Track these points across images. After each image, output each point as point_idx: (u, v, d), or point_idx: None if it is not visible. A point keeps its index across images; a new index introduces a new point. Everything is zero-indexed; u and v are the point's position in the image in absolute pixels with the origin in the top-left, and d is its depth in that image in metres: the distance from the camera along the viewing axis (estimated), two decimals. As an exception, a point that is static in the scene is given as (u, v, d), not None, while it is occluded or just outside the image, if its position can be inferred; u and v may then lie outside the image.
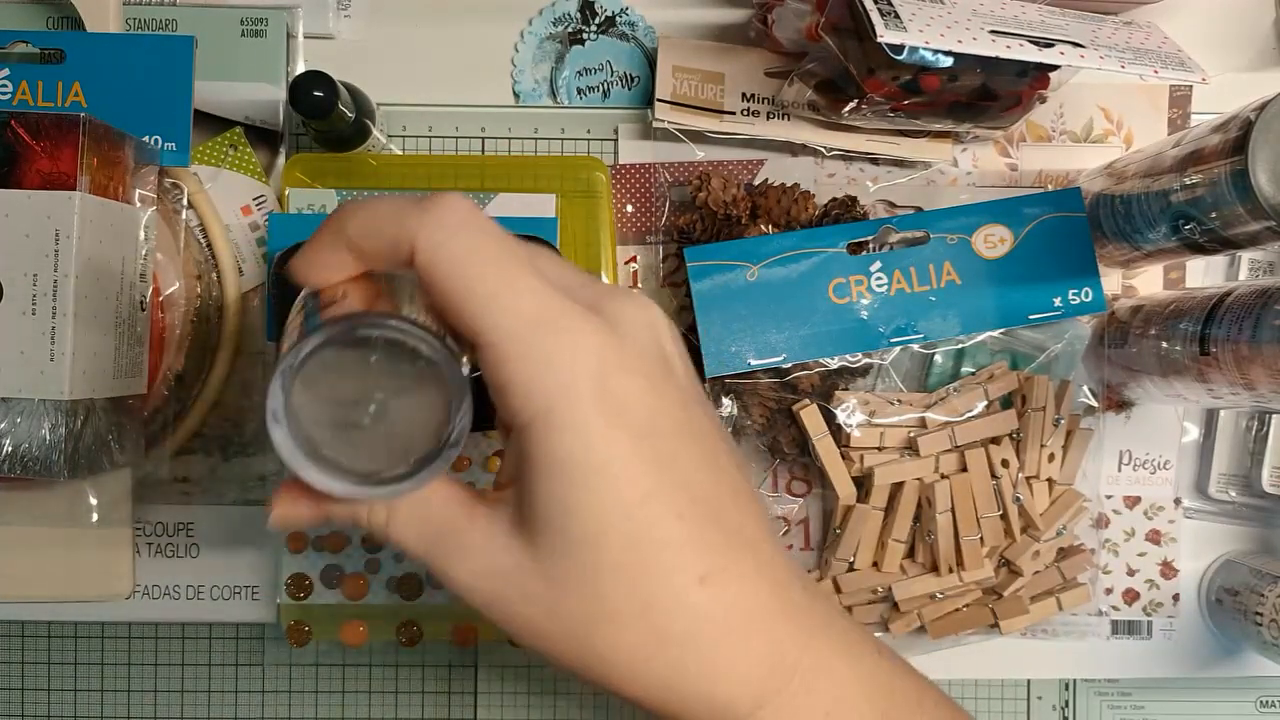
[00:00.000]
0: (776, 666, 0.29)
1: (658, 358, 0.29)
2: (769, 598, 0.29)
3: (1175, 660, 0.54)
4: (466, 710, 0.53)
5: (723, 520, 0.29)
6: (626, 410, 0.27)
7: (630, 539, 0.27)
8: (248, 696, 0.53)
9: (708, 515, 0.28)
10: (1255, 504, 0.53)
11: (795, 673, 0.29)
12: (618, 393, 0.27)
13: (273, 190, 0.51)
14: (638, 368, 0.28)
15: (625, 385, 0.27)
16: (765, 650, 0.29)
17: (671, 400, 0.29)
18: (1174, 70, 0.43)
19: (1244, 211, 0.39)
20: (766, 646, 0.29)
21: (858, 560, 0.50)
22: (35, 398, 0.43)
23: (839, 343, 0.49)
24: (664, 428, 0.28)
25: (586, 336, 0.27)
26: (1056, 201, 0.50)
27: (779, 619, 0.29)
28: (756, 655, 0.29)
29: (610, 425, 0.27)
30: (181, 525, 0.52)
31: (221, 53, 0.51)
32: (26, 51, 0.49)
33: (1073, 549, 0.51)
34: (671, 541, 0.28)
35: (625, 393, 0.27)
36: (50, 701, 0.53)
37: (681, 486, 0.28)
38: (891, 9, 0.42)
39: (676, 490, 0.28)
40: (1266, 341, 0.41)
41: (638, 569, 0.27)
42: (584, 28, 0.53)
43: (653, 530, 0.27)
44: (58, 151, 0.43)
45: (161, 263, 0.50)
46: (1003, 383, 0.50)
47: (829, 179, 0.53)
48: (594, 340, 0.27)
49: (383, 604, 0.50)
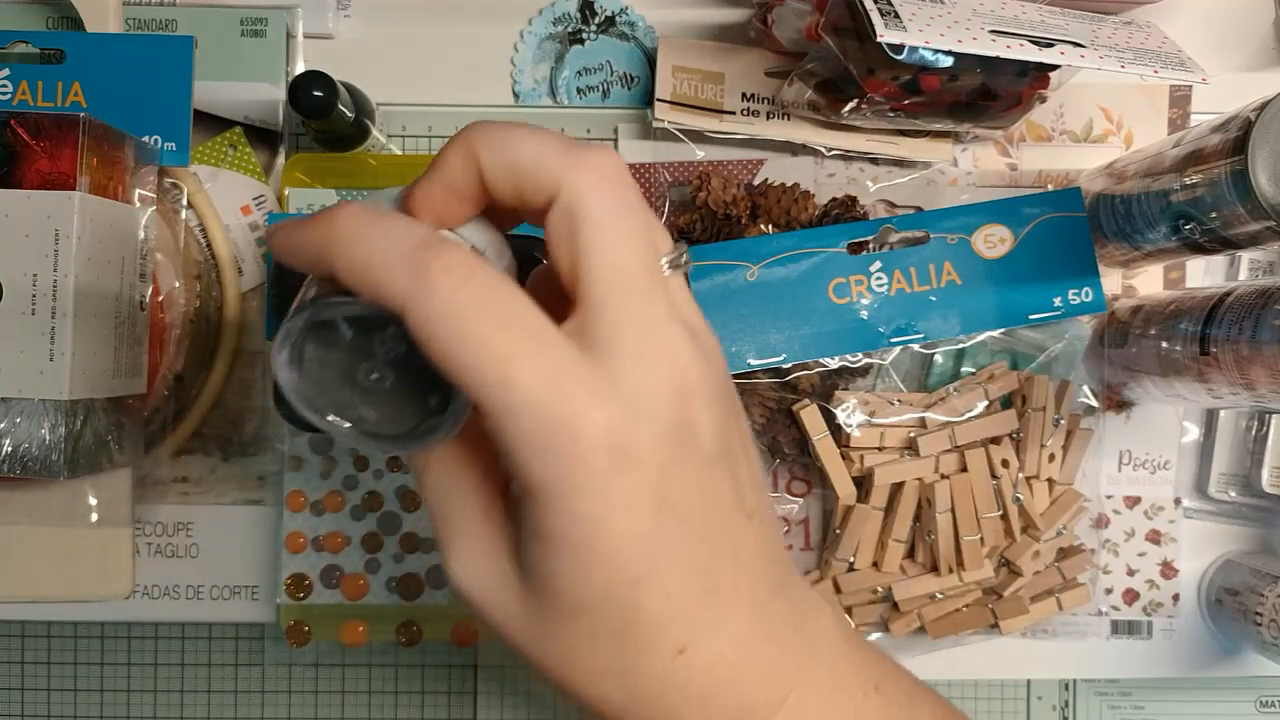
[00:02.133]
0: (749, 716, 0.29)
1: (673, 425, 0.27)
2: (751, 652, 0.29)
3: (1175, 660, 0.54)
4: (466, 710, 0.53)
5: (715, 590, 0.28)
6: (631, 491, 0.26)
7: (613, 615, 0.27)
8: (247, 696, 0.53)
9: (698, 591, 0.28)
10: (1255, 504, 0.53)
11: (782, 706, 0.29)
12: (624, 472, 0.25)
13: (272, 190, 0.51)
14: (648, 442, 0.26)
15: (633, 463, 0.26)
16: (738, 703, 0.29)
17: (684, 469, 0.27)
18: (1174, 70, 0.43)
19: (1244, 211, 0.39)
20: (739, 699, 0.29)
21: (858, 560, 0.50)
22: (35, 398, 0.43)
23: (839, 343, 0.49)
24: (671, 503, 0.27)
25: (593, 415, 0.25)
26: (1056, 201, 0.50)
27: (760, 670, 0.29)
28: (729, 708, 0.29)
29: (611, 509, 0.26)
30: (181, 525, 0.52)
31: (221, 53, 0.51)
32: (26, 51, 0.49)
33: (1073, 549, 0.51)
34: (654, 622, 0.27)
35: (632, 472, 0.26)
36: (50, 701, 0.53)
37: (676, 564, 0.27)
38: (891, 9, 0.42)
39: (669, 569, 0.27)
40: (1266, 341, 0.41)
41: (617, 640, 0.27)
42: (584, 27, 0.53)
43: (637, 611, 0.27)
44: (57, 151, 0.43)
45: (161, 263, 0.50)
46: (1003, 383, 0.50)
47: (829, 179, 0.53)
48: (601, 419, 0.25)
49: (382, 604, 0.50)
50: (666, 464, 0.26)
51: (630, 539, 0.26)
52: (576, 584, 0.26)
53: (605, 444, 0.25)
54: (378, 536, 0.51)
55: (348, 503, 0.51)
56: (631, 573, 0.26)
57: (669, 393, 0.27)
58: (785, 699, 0.30)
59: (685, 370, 0.27)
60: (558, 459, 0.25)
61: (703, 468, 0.28)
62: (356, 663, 0.53)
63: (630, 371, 0.26)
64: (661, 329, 0.26)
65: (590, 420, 0.25)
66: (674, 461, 0.27)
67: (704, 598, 0.28)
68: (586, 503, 0.25)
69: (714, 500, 0.28)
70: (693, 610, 0.28)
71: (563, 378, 0.25)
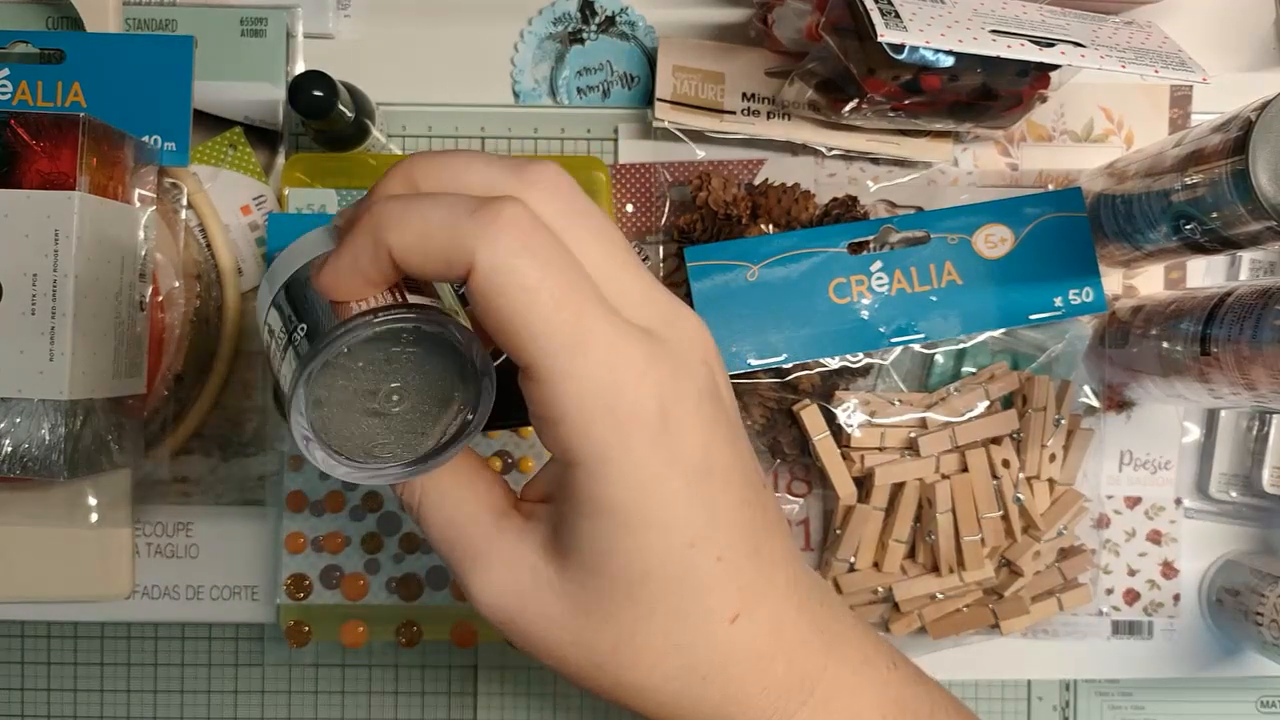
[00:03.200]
0: (796, 687, 0.29)
1: (711, 393, 0.28)
2: (793, 621, 0.30)
3: (1176, 660, 0.54)
4: (466, 711, 0.53)
5: (758, 552, 0.29)
6: (681, 453, 0.26)
7: (670, 583, 0.27)
8: (247, 697, 0.53)
9: (744, 552, 0.28)
10: (1256, 504, 0.53)
11: (814, 691, 0.30)
12: (674, 434, 0.26)
13: (272, 190, 0.51)
14: (694, 406, 0.27)
15: (681, 426, 0.26)
16: (786, 672, 0.29)
17: (721, 436, 0.28)
18: (1174, 70, 0.43)
19: (1245, 211, 0.39)
20: (787, 669, 0.29)
21: (858, 561, 0.50)
22: (35, 398, 0.43)
23: (839, 343, 0.49)
24: (713, 466, 0.27)
25: (648, 377, 0.25)
26: (1057, 201, 0.50)
27: (801, 640, 0.30)
28: (778, 679, 0.29)
29: (665, 471, 0.26)
30: (181, 525, 0.52)
31: (221, 52, 0.51)
32: (26, 51, 0.49)
33: (1073, 549, 0.51)
34: (710, 585, 0.27)
35: (681, 434, 0.26)
36: (50, 701, 0.53)
37: (723, 526, 0.28)
38: (892, 8, 0.42)
39: (718, 531, 0.27)
40: (1267, 341, 0.41)
41: (673, 611, 0.27)
42: (584, 27, 0.53)
43: (692, 575, 0.27)
44: (57, 151, 0.43)
45: (161, 263, 0.50)
46: (1003, 383, 0.50)
47: (829, 179, 0.52)
48: (654, 381, 0.25)
49: (382, 604, 0.50)
50: (709, 425, 0.27)
51: (683, 502, 0.26)
52: (633, 554, 0.26)
53: (658, 409, 0.25)
54: (378, 537, 0.51)
55: (348, 503, 0.51)
56: (686, 536, 0.27)
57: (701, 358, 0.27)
58: (825, 669, 0.30)
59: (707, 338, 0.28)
60: (617, 423, 0.25)
61: (733, 429, 0.29)
62: (356, 663, 0.53)
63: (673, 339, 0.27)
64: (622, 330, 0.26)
65: (647, 382, 0.25)
66: (714, 423, 0.27)
67: (751, 559, 0.28)
68: (642, 467, 0.26)
69: (747, 462, 0.29)
70: (743, 573, 0.28)
71: (623, 340, 0.25)
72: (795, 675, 0.29)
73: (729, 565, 0.28)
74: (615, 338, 0.25)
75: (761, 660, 0.29)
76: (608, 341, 0.25)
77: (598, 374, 0.25)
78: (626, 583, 0.27)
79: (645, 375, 0.25)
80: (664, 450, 0.26)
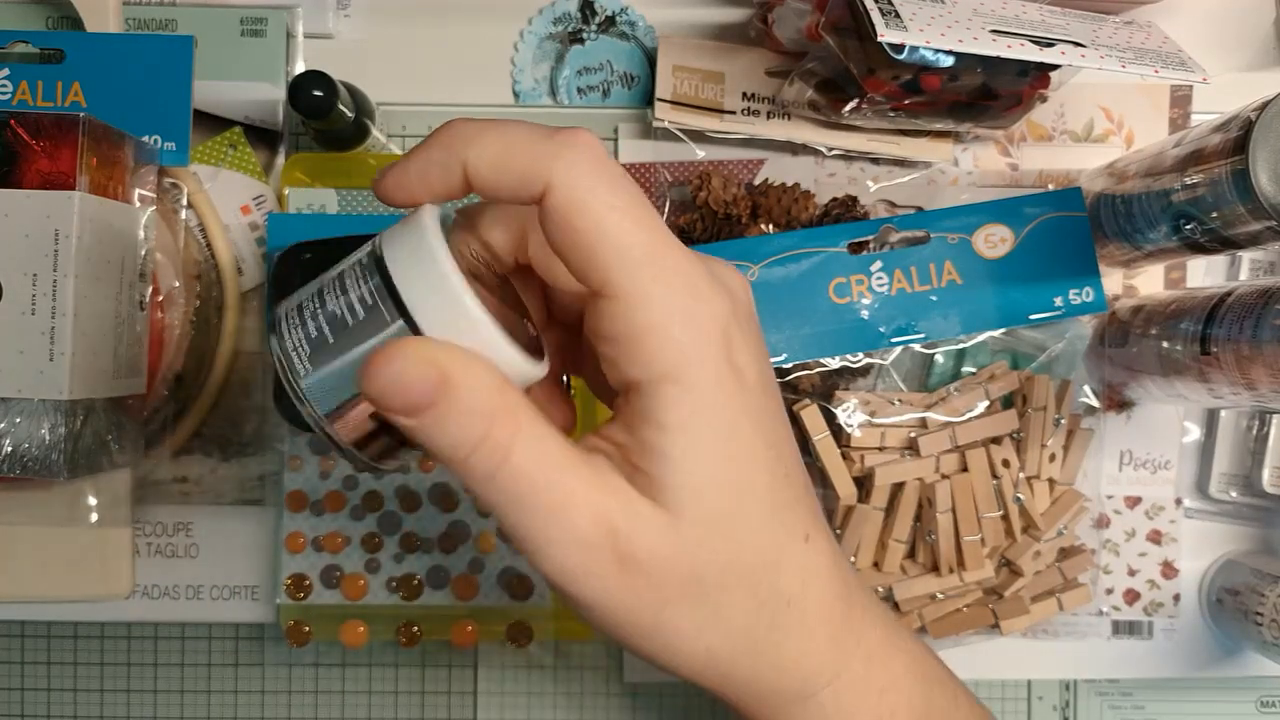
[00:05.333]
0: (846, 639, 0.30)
1: (754, 318, 0.30)
2: (840, 564, 0.30)
3: (1176, 660, 0.54)
4: (466, 710, 0.53)
5: (801, 480, 0.30)
6: (744, 373, 0.27)
7: (754, 494, 0.28)
8: (247, 696, 0.53)
9: (799, 480, 0.29)
10: (1256, 504, 0.53)
11: (859, 646, 0.30)
12: (739, 354, 0.27)
13: (272, 190, 0.51)
14: (750, 331, 0.28)
15: (743, 348, 0.27)
16: (842, 618, 0.30)
17: (766, 364, 0.29)
18: (1174, 70, 0.43)
19: (1245, 211, 0.39)
20: (844, 614, 0.30)
21: (858, 560, 0.50)
22: (35, 398, 0.43)
23: (839, 342, 0.49)
24: (768, 384, 0.29)
25: (719, 296, 0.27)
26: (1057, 201, 0.50)
27: (848, 588, 0.30)
28: (837, 623, 0.29)
29: (736, 387, 0.27)
30: (181, 525, 0.52)
31: (221, 52, 0.51)
32: (26, 51, 0.49)
33: (1073, 549, 0.51)
34: (788, 502, 0.28)
35: (743, 355, 0.27)
36: (50, 701, 0.53)
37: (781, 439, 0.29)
38: (892, 8, 0.42)
39: (783, 454, 0.29)
40: (1267, 341, 0.41)
41: (759, 527, 0.28)
42: (584, 27, 0.53)
43: (774, 494, 0.28)
44: (57, 151, 0.43)
45: (161, 263, 0.50)
46: (1003, 382, 0.50)
47: (829, 179, 0.52)
48: (724, 302, 0.27)
49: (382, 604, 0.50)
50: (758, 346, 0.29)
51: (750, 416, 0.27)
52: (727, 464, 0.27)
53: (723, 328, 0.27)
54: (378, 537, 0.51)
55: (348, 503, 0.51)
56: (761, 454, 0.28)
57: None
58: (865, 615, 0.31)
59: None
60: (697, 335, 0.26)
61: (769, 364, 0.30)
62: (356, 663, 0.53)
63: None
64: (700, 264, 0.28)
65: (716, 300, 0.27)
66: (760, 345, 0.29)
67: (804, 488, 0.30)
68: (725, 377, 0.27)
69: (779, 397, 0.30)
70: (805, 497, 0.29)
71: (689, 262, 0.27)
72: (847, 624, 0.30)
73: (796, 488, 0.29)
74: (685, 260, 0.26)
75: (827, 595, 0.29)
76: (681, 262, 0.26)
77: (678, 287, 0.26)
78: (712, 499, 0.27)
79: (714, 295, 0.27)
80: (733, 370, 0.27)
